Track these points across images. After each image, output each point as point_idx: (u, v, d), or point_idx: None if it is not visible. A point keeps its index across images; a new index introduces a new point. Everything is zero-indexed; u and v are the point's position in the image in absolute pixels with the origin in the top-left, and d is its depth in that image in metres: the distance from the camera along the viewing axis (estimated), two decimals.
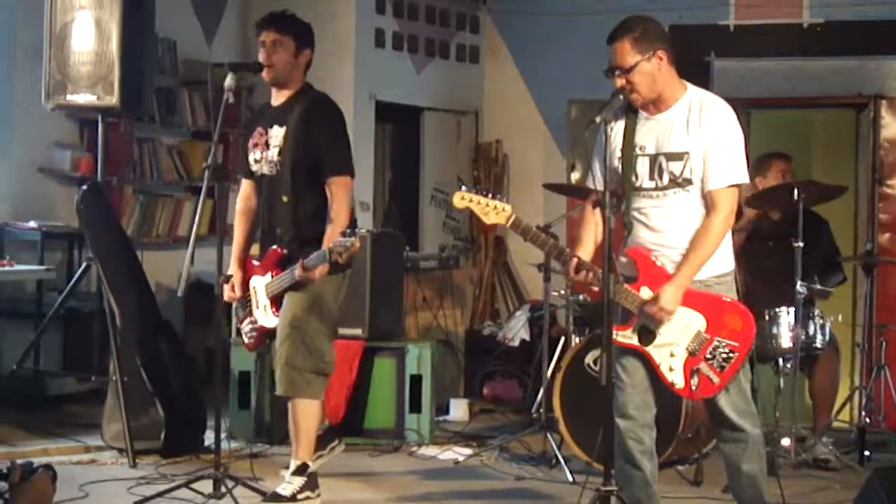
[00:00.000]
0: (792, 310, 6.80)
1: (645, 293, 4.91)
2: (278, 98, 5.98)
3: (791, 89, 9.31)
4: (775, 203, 7.23)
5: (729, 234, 4.99)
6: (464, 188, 4.97)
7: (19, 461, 5.66)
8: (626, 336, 4.96)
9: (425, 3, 10.15)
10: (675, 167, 4.90)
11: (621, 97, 4.93)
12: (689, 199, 4.92)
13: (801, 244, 6.77)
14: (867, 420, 7.28)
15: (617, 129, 5.02)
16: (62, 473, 5.83)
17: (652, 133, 4.96)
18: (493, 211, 4.92)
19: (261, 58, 5.89)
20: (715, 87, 9.23)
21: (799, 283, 6.77)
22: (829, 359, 7.24)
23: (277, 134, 5.88)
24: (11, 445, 6.99)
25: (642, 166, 4.97)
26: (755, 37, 9.50)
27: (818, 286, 7.10)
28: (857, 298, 8.67)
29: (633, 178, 4.98)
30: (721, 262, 4.99)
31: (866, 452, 7.12)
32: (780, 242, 7.12)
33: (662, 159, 4.93)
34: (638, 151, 4.98)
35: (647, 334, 4.94)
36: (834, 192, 7.24)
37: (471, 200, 4.93)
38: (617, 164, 5.01)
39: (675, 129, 4.92)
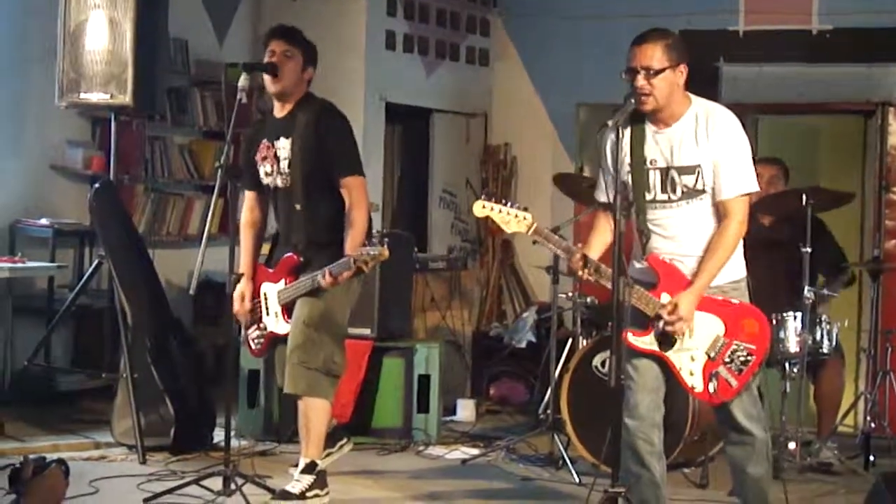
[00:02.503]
0: (799, 315, 6.82)
1: (665, 299, 4.96)
2: (281, 109, 6.00)
3: (799, 96, 9.33)
4: (775, 209, 7.22)
5: (741, 241, 5.05)
6: (483, 197, 5.02)
7: (32, 456, 5.70)
8: (645, 342, 5.01)
9: (436, 6, 10.18)
10: (688, 180, 4.96)
11: (633, 101, 4.93)
12: (702, 206, 4.99)
13: (808, 250, 6.80)
14: (872, 425, 7.30)
15: (624, 141, 5.04)
16: (72, 469, 5.86)
17: (661, 147, 5.01)
18: (514, 220, 4.98)
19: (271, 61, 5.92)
20: (723, 92, 9.28)
21: (806, 288, 6.80)
22: (834, 364, 7.25)
23: (285, 146, 5.91)
24: (22, 441, 7.03)
25: (654, 180, 5.02)
26: (764, 43, 9.52)
27: (826, 291, 7.12)
28: (863, 304, 8.68)
29: (646, 192, 5.03)
30: (735, 269, 5.06)
31: (871, 457, 7.14)
32: (774, 248, 7.12)
33: (675, 173, 4.98)
34: (648, 165, 5.02)
35: (667, 340, 4.99)
36: (842, 198, 7.27)
37: (491, 209, 4.99)
38: (626, 177, 5.04)
39: (685, 142, 4.97)
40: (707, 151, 4.94)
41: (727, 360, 4.98)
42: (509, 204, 5.00)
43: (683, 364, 5.01)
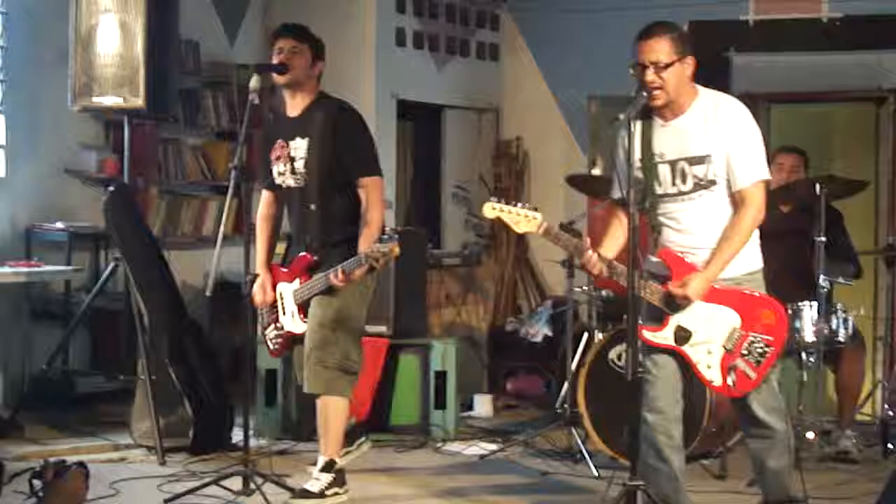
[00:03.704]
0: (815, 304, 6.82)
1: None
2: (294, 108, 6.01)
3: (811, 84, 9.32)
4: (790, 198, 7.21)
5: (757, 232, 5.04)
6: (493, 199, 5.05)
7: (52, 460, 5.73)
8: (661, 337, 5.02)
9: (445, 2, 10.19)
10: (699, 170, 4.97)
11: (645, 94, 4.96)
12: (715, 198, 4.98)
13: (822, 239, 6.80)
14: (890, 413, 7.28)
15: (634, 136, 5.02)
16: (92, 472, 5.90)
17: (669, 139, 5.02)
18: (523, 220, 5.01)
19: (280, 60, 5.94)
20: (734, 82, 9.27)
21: (822, 276, 6.80)
22: (854, 353, 7.23)
23: (301, 145, 5.92)
24: (42, 444, 7.06)
25: (664, 173, 5.03)
26: (774, 32, 9.51)
27: (841, 280, 7.11)
28: (879, 292, 8.67)
29: (657, 185, 5.04)
30: (751, 260, 5.06)
31: (889, 445, 7.13)
32: (788, 237, 7.11)
33: (684, 164, 4.99)
34: (657, 159, 5.03)
35: (682, 334, 4.99)
36: (855, 186, 7.26)
37: (501, 210, 5.03)
38: (637, 172, 5.04)
39: (694, 133, 4.98)
40: (717, 141, 4.94)
41: (745, 352, 4.98)
42: (519, 204, 5.03)
43: (700, 358, 5.01)
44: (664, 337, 5.03)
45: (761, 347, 4.97)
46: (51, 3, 7.97)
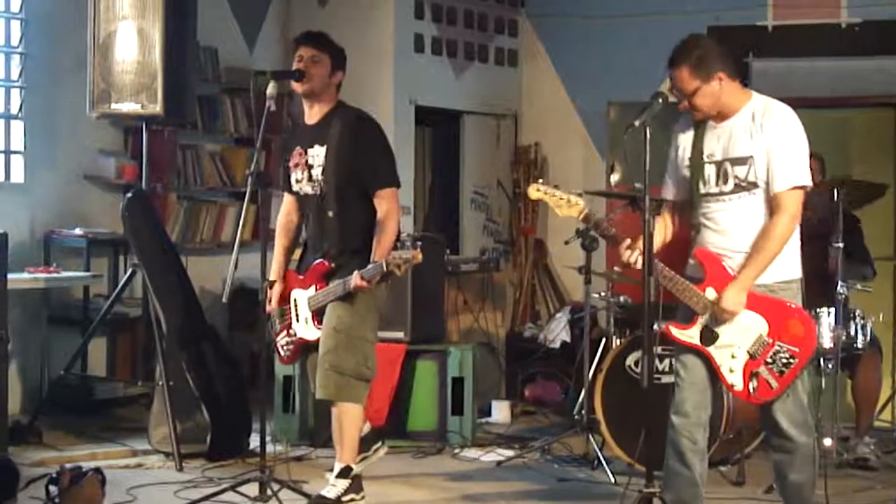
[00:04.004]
0: (832, 310, 6.80)
1: (710, 294, 4.96)
2: (313, 116, 6.01)
3: (830, 90, 9.28)
4: (807, 203, 7.17)
5: (797, 240, 5.03)
6: (540, 181, 5.16)
7: (68, 465, 5.75)
8: (688, 335, 5.02)
9: (464, 8, 10.19)
10: (740, 171, 4.98)
11: (660, 100, 4.98)
12: (755, 201, 4.98)
13: (840, 245, 6.78)
14: None
15: (686, 138, 5.13)
16: (110, 477, 5.92)
17: (718, 141, 5.06)
18: (566, 204, 5.10)
19: (298, 68, 5.94)
20: (753, 88, 9.18)
21: (840, 283, 6.77)
22: (871, 359, 7.22)
23: (318, 153, 5.93)
24: (60, 450, 7.08)
25: (709, 173, 5.06)
26: (793, 37, 9.49)
27: (859, 286, 7.08)
28: None
29: (701, 185, 5.06)
30: (787, 268, 5.04)
31: None
32: (807, 242, 7.08)
33: (728, 165, 5.01)
34: (705, 159, 5.07)
35: (709, 334, 4.99)
36: (874, 191, 7.23)
37: (545, 193, 5.14)
38: (686, 171, 5.10)
39: (740, 135, 5.01)
40: (760, 143, 4.96)
41: (769, 360, 4.96)
42: (563, 188, 5.08)
43: (724, 361, 5.01)
44: (690, 336, 5.02)
45: (786, 358, 4.95)
46: (69, 9, 8.01)
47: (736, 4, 9.52)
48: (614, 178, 9.61)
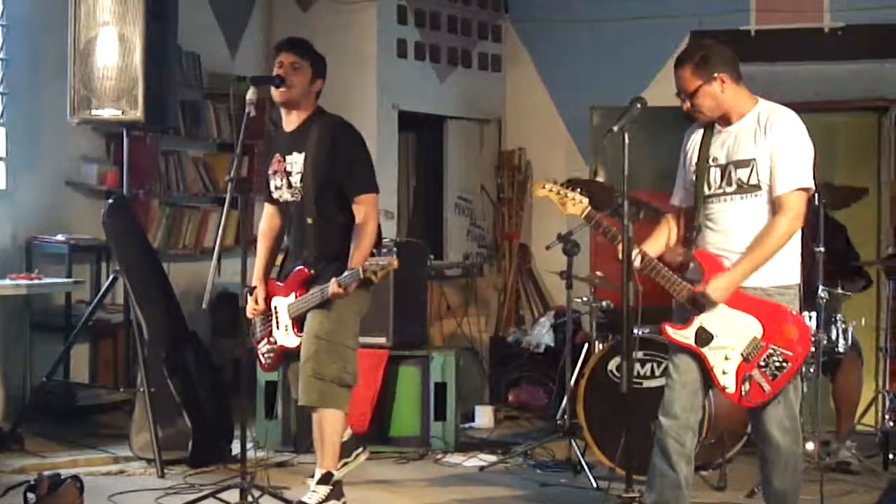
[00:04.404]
0: (814, 314, 6.81)
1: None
2: (291, 123, 6.00)
3: (812, 94, 9.29)
4: None
5: (798, 246, 5.05)
6: (546, 179, 5.25)
7: (47, 473, 5.73)
8: (683, 335, 5.03)
9: (447, 13, 10.20)
10: (743, 174, 5.02)
11: (639, 105, 5.08)
12: (757, 204, 5.01)
13: (821, 249, 6.79)
14: (891, 424, 7.26)
15: (694, 143, 5.19)
16: (91, 484, 5.91)
17: (723, 144, 5.10)
18: (570, 202, 5.15)
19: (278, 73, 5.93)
20: None
21: (821, 287, 6.79)
22: (852, 363, 7.24)
23: (297, 160, 5.92)
24: (42, 457, 7.06)
25: (714, 176, 5.09)
26: (776, 42, 9.50)
27: (840, 290, 7.09)
28: (881, 302, 8.64)
29: (706, 187, 5.10)
30: (785, 273, 5.05)
31: (890, 456, 7.11)
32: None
33: (732, 167, 5.06)
34: (711, 162, 5.11)
35: (704, 336, 4.99)
36: (854, 194, 7.24)
37: (550, 190, 5.21)
38: (692, 175, 5.15)
39: (744, 138, 5.05)
40: (764, 146, 5.00)
41: (762, 363, 4.97)
42: (569, 187, 5.15)
43: (717, 362, 5.02)
44: (685, 336, 5.03)
45: (779, 361, 4.95)
46: (50, 15, 7.97)
47: (719, 9, 9.52)
48: (599, 179, 9.61)
